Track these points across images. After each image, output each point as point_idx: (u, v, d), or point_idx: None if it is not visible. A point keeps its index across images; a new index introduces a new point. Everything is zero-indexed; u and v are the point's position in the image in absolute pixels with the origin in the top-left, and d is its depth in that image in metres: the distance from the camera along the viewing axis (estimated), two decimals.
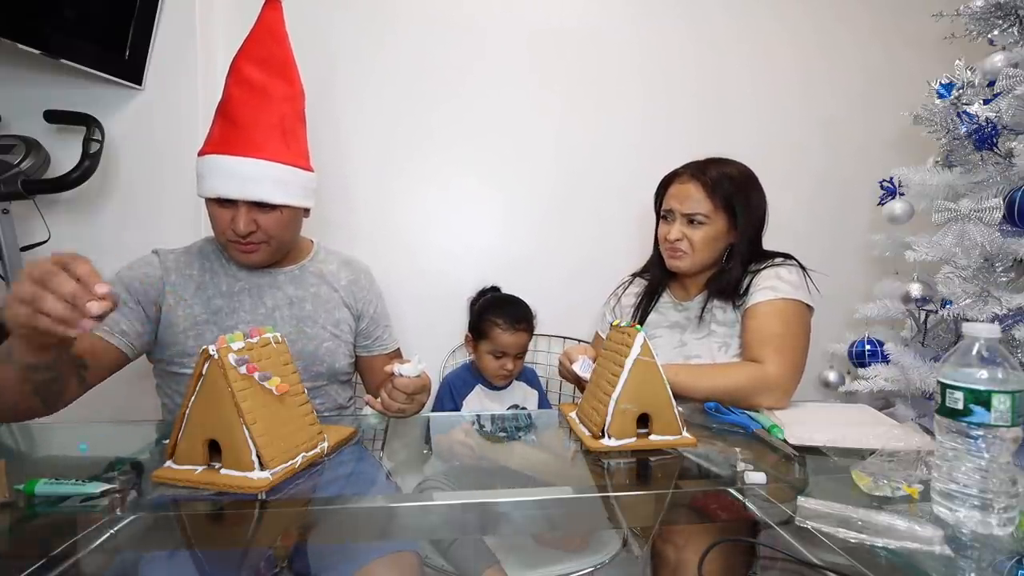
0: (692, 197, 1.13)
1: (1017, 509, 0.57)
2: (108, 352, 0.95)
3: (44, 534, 0.60)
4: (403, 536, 0.78)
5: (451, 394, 1.42)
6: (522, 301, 1.46)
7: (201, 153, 1.00)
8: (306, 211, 1.10)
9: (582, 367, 0.99)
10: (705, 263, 1.17)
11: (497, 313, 1.39)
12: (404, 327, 1.60)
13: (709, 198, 1.12)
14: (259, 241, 1.01)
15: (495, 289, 1.60)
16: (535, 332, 1.49)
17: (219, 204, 0.98)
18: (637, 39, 1.77)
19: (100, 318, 0.62)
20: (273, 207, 0.99)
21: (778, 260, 1.15)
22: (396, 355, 1.24)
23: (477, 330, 1.42)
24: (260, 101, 1.01)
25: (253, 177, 0.97)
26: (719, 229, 1.14)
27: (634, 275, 1.35)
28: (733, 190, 1.13)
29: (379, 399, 0.93)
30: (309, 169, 1.08)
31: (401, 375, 0.89)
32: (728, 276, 1.15)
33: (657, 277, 1.27)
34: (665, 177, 1.22)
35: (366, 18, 1.68)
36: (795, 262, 1.16)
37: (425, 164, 1.73)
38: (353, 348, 1.16)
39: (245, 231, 0.97)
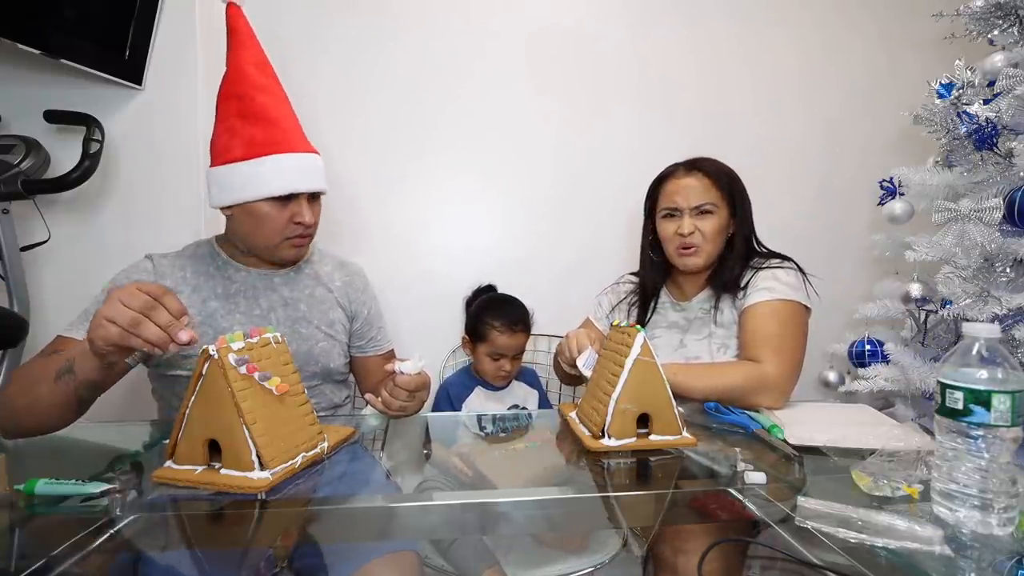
0: (696, 189, 1.13)
1: (1017, 509, 0.57)
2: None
3: (44, 534, 0.60)
4: (403, 536, 0.78)
5: (449, 399, 1.41)
6: (519, 301, 1.45)
7: (243, 157, 0.99)
8: None
9: (585, 364, 0.98)
10: (715, 255, 1.17)
11: (494, 315, 1.38)
12: (403, 328, 1.61)
13: (714, 186, 1.13)
14: (311, 233, 1.07)
15: (491, 288, 1.60)
16: (534, 332, 1.49)
17: (276, 203, 1.00)
18: (636, 41, 1.77)
19: (185, 345, 0.72)
20: (317, 197, 1.07)
21: (775, 261, 1.16)
22: (390, 355, 1.24)
23: (474, 332, 1.41)
24: (278, 102, 1.05)
25: (311, 169, 1.03)
26: (724, 219, 1.15)
27: (636, 275, 1.35)
28: (730, 179, 1.15)
29: (379, 398, 0.93)
30: None
31: (402, 373, 0.90)
32: (730, 269, 1.15)
33: (652, 283, 1.26)
34: (658, 177, 1.22)
35: (365, 21, 1.68)
36: (794, 264, 1.16)
37: (424, 166, 1.73)
38: (347, 348, 1.17)
39: (310, 221, 1.03)
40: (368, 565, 0.74)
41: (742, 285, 1.13)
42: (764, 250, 1.20)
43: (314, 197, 1.06)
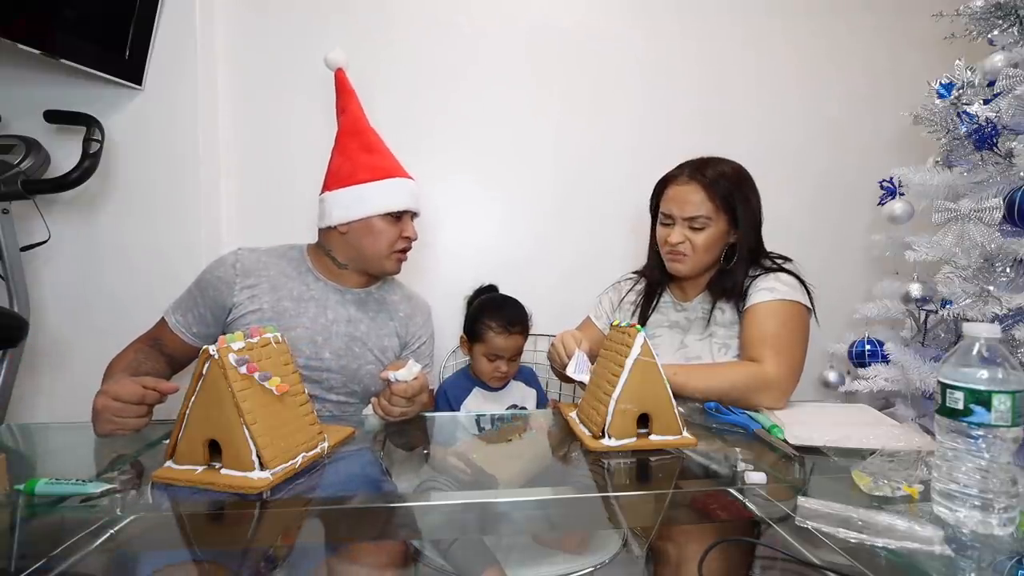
0: (692, 200, 1.11)
1: (1017, 509, 0.57)
2: (187, 348, 1.13)
3: (44, 534, 0.60)
4: (403, 536, 0.78)
5: (447, 400, 1.41)
6: (518, 303, 1.45)
7: (367, 180, 1.14)
8: None
9: (576, 369, 0.96)
10: (705, 265, 1.16)
11: (491, 316, 1.38)
12: None
13: (710, 199, 1.11)
14: (409, 248, 1.20)
15: (492, 288, 1.60)
16: (533, 332, 1.49)
17: (388, 220, 1.14)
18: (637, 39, 1.77)
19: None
20: (414, 216, 1.20)
21: (774, 267, 1.15)
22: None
23: (471, 332, 1.41)
24: (382, 141, 1.23)
25: (415, 193, 1.19)
26: (720, 230, 1.13)
27: (637, 273, 1.35)
28: (732, 189, 1.12)
29: (380, 405, 0.94)
30: None
31: (397, 380, 0.89)
32: (732, 277, 1.14)
33: (656, 279, 1.26)
34: (662, 179, 1.21)
35: (365, 20, 1.68)
36: (794, 272, 1.15)
37: (424, 165, 1.72)
38: None
39: (415, 237, 1.18)
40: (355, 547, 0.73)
41: (743, 292, 1.13)
42: (769, 260, 1.17)
43: (414, 217, 1.20)
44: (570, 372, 0.96)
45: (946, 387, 0.60)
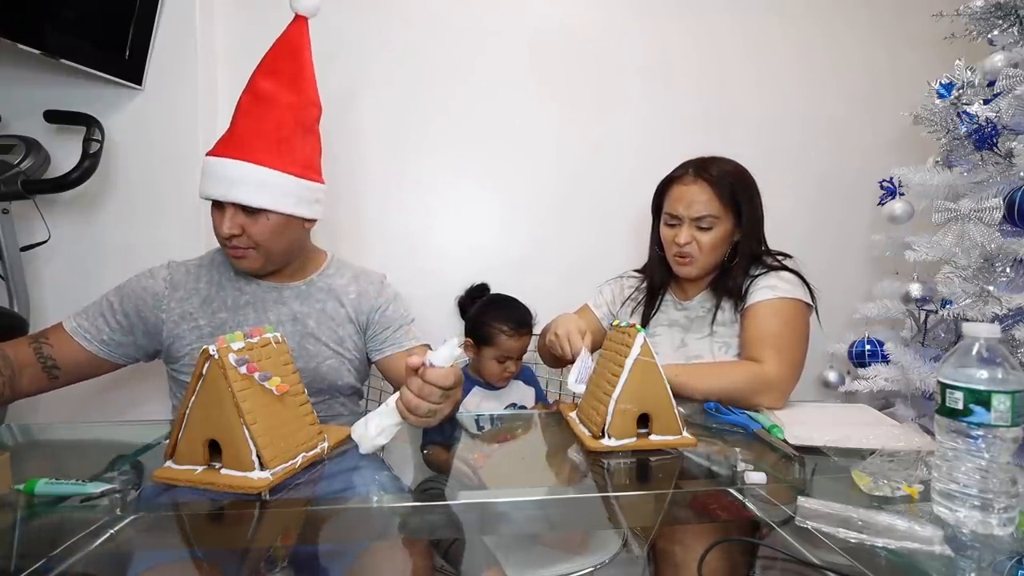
0: (699, 200, 1.11)
1: (1017, 509, 0.57)
2: (85, 357, 1.00)
3: (44, 534, 0.60)
4: (403, 536, 0.78)
5: None
6: (520, 302, 1.44)
7: (209, 154, 1.01)
8: (309, 221, 1.08)
9: (577, 379, 0.92)
10: (712, 266, 1.16)
11: (500, 319, 1.37)
12: None
13: (717, 198, 1.10)
14: (246, 246, 1.00)
15: (484, 287, 1.59)
16: (533, 332, 1.49)
17: (215, 207, 1.00)
18: (638, 40, 1.77)
19: None
20: (258, 211, 0.98)
21: (776, 265, 1.15)
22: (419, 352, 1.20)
23: (480, 336, 1.40)
24: (261, 109, 1.01)
25: (237, 180, 0.97)
26: (727, 230, 1.13)
27: (641, 273, 1.34)
28: (737, 187, 1.12)
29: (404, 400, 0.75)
30: (310, 179, 1.06)
31: (432, 365, 0.71)
32: (734, 275, 1.14)
33: (658, 279, 1.26)
34: (665, 179, 1.20)
35: (365, 19, 1.68)
36: (795, 269, 1.15)
37: (425, 165, 1.73)
38: (359, 364, 1.15)
39: (227, 233, 0.97)
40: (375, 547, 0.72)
41: (743, 292, 1.13)
42: (770, 258, 1.17)
43: (250, 211, 0.98)
44: (571, 383, 0.92)
45: (946, 387, 0.60)
